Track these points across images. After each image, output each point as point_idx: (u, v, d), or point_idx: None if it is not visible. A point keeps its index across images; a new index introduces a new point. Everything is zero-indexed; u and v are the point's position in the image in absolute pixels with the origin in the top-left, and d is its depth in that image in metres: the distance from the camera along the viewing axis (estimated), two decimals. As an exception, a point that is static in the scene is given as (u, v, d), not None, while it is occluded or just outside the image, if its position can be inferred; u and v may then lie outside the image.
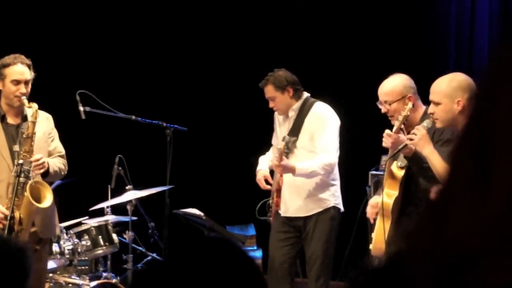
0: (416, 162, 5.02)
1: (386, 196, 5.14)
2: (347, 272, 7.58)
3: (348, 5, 8.66)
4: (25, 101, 5.40)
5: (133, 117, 6.91)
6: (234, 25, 9.00)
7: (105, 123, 6.36)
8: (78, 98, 6.48)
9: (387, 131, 5.03)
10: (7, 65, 5.46)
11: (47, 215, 5.57)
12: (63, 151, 5.70)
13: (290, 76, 6.16)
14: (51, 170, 5.45)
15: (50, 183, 5.64)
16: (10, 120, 5.43)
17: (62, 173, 5.62)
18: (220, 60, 9.01)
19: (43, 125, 5.60)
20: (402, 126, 5.08)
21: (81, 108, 6.42)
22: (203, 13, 9.11)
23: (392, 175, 5.14)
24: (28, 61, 5.55)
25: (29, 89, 5.50)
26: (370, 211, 5.36)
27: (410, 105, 5.01)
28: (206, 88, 9.01)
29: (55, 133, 5.71)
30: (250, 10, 8.94)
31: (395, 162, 5.13)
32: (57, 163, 5.55)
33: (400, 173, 5.11)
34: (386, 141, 5.02)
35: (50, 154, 5.61)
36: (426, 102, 5.33)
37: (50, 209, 5.56)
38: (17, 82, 5.44)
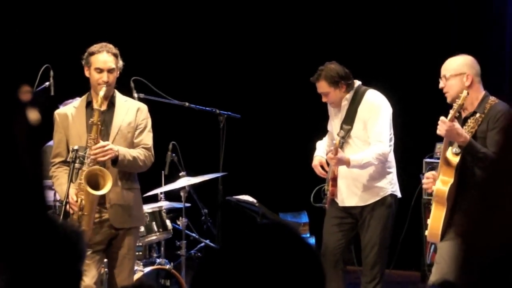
0: (470, 151, 4.97)
1: (441, 183, 5.08)
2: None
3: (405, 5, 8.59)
4: (103, 89, 5.43)
5: (187, 104, 6.95)
6: (287, 14, 9.00)
7: (159, 109, 6.39)
8: (132, 85, 6.53)
9: (442, 118, 4.98)
10: (92, 54, 5.54)
11: (123, 205, 5.58)
12: (149, 144, 5.63)
13: (342, 70, 6.07)
14: (121, 158, 5.41)
15: (129, 174, 5.62)
16: (97, 106, 5.47)
17: (140, 163, 5.54)
18: (273, 47, 9.01)
19: (130, 115, 5.62)
20: (457, 114, 5.03)
21: (136, 95, 6.47)
22: (258, 2, 9.11)
23: (447, 162, 5.08)
24: (115, 50, 5.58)
25: (112, 78, 5.53)
26: (426, 181, 5.29)
27: (465, 93, 4.94)
28: (259, 74, 9.02)
29: (145, 124, 5.66)
30: (302, 3, 8.93)
31: (450, 148, 5.07)
32: (134, 153, 5.51)
33: (456, 160, 5.05)
34: (441, 129, 4.97)
35: (135, 145, 5.60)
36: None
37: (126, 199, 5.59)
38: (100, 70, 5.49)
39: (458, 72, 5.17)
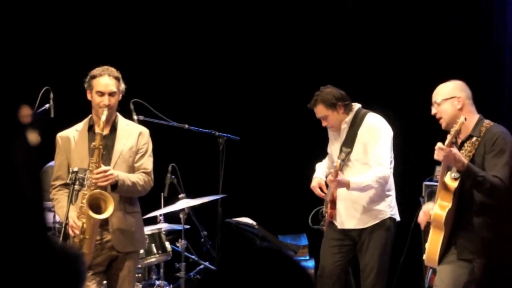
0: (469, 175, 4.99)
1: (439, 208, 5.10)
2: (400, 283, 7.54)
3: (401, 17, 8.62)
4: (105, 113, 5.44)
5: (186, 126, 6.96)
6: (286, 37, 9.02)
7: (158, 131, 6.40)
8: (132, 107, 6.54)
9: (439, 144, 5.00)
10: (94, 77, 5.56)
11: (125, 229, 5.58)
12: (149, 168, 5.63)
13: (337, 92, 6.10)
14: (121, 183, 5.41)
15: (130, 198, 5.62)
16: (98, 130, 5.47)
17: (139, 188, 5.54)
18: (272, 70, 9.02)
19: (132, 139, 5.63)
20: (454, 140, 5.05)
21: (135, 117, 6.48)
22: (255, 26, 9.14)
23: (446, 187, 5.10)
24: (117, 74, 5.60)
25: (114, 101, 5.55)
26: (422, 217, 5.34)
27: (462, 118, 4.97)
28: (259, 97, 9.02)
29: (146, 149, 5.66)
30: (301, 23, 8.96)
31: (448, 173, 5.09)
32: (134, 178, 5.51)
33: (454, 184, 5.07)
34: (438, 154, 5.00)
35: (135, 170, 5.61)
36: (480, 111, 5.31)
37: (128, 223, 5.59)
38: (101, 94, 5.51)
39: (449, 96, 5.22)
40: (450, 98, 5.21)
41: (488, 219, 5.02)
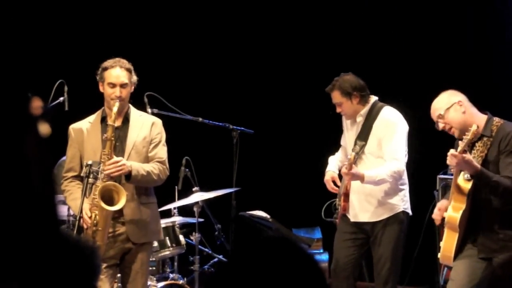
0: (482, 180, 4.99)
1: (453, 210, 5.12)
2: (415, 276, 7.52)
3: (420, 14, 8.59)
4: (116, 105, 5.45)
5: (200, 119, 6.95)
6: (301, 29, 9.00)
7: (173, 125, 6.39)
8: (146, 100, 6.54)
9: (452, 151, 5.01)
10: (105, 69, 5.56)
11: (140, 220, 5.58)
12: (163, 157, 5.63)
13: (356, 81, 6.08)
14: (135, 173, 5.42)
15: (146, 189, 5.63)
16: (110, 122, 5.48)
17: (155, 177, 5.54)
18: (286, 64, 9.01)
19: (145, 130, 5.63)
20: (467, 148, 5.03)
21: (149, 110, 6.48)
22: (270, 20, 9.12)
23: (459, 189, 5.10)
24: (128, 65, 5.60)
25: (125, 92, 5.55)
26: (437, 213, 5.32)
27: (474, 127, 4.95)
28: (273, 90, 9.01)
29: (160, 139, 5.67)
30: (318, 13, 8.93)
31: (462, 174, 5.08)
32: (148, 168, 5.51)
33: (467, 186, 5.06)
34: (451, 161, 5.00)
35: (150, 159, 5.61)
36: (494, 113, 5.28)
37: (142, 214, 5.59)
38: (113, 85, 5.51)
39: (449, 104, 5.21)
40: (451, 106, 5.19)
41: (505, 219, 5.03)
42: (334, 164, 6.33)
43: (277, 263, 1.73)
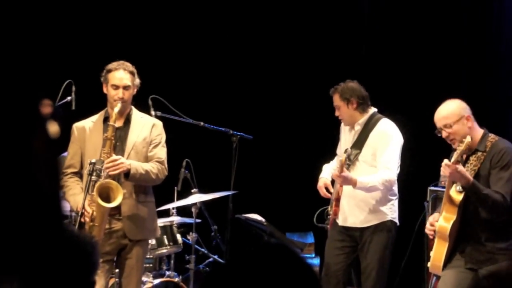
0: (473, 192, 5.00)
1: (444, 220, 5.13)
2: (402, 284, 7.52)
3: (416, 29, 8.60)
4: (118, 106, 5.47)
5: (202, 123, 6.96)
6: (302, 38, 9.01)
7: (175, 127, 6.41)
8: (150, 102, 6.55)
9: (446, 161, 5.02)
10: (109, 71, 5.59)
11: (137, 217, 5.60)
12: (162, 158, 5.65)
13: (358, 89, 6.12)
14: (133, 171, 5.44)
15: (144, 188, 5.64)
16: (112, 122, 5.49)
17: (153, 176, 5.56)
18: (285, 74, 9.02)
19: (145, 131, 5.66)
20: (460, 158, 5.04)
21: (153, 113, 6.49)
22: (271, 29, 9.13)
23: (451, 200, 5.12)
24: (132, 68, 5.63)
25: (128, 94, 5.57)
26: (429, 228, 5.32)
27: (468, 138, 4.97)
28: (272, 98, 9.02)
29: (159, 140, 5.69)
30: (315, 29, 8.95)
31: (454, 186, 5.09)
32: (147, 167, 5.53)
33: (459, 197, 5.08)
34: (445, 171, 5.01)
35: (149, 159, 5.62)
36: (486, 125, 5.29)
37: (139, 211, 5.60)
38: (116, 87, 5.54)
39: (459, 117, 5.19)
40: (460, 119, 5.17)
41: (492, 231, 5.04)
42: (328, 171, 6.35)
43: (273, 268, 1.74)
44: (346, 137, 6.25)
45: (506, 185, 5.00)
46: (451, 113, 5.21)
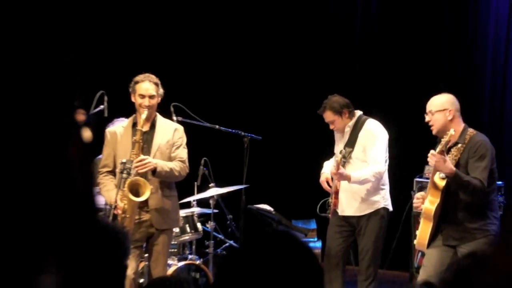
0: (456, 180, 4.99)
1: (429, 203, 5.13)
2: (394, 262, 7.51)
3: (400, 38, 8.59)
4: (145, 113, 5.48)
5: (217, 126, 6.96)
6: (302, 49, 9.01)
7: (194, 130, 6.41)
8: (172, 109, 6.55)
9: (432, 151, 5.00)
10: (137, 82, 5.60)
11: (162, 209, 5.59)
12: (184, 157, 5.65)
13: (342, 101, 6.11)
14: (159, 169, 5.45)
15: (168, 183, 5.63)
16: (139, 127, 5.50)
17: (176, 174, 5.56)
18: (290, 83, 9.03)
19: (168, 134, 5.66)
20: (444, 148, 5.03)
21: (175, 118, 6.49)
22: (279, 36, 9.13)
23: (435, 185, 5.11)
24: (156, 80, 5.62)
25: (153, 102, 5.56)
26: (416, 201, 5.34)
27: (451, 131, 4.96)
28: (279, 104, 9.03)
29: (181, 142, 5.69)
30: (316, 38, 8.95)
31: (437, 173, 5.08)
32: (171, 165, 5.53)
33: (442, 183, 5.07)
34: (431, 160, 5.01)
35: (173, 159, 5.62)
36: (466, 121, 5.28)
37: (164, 204, 5.60)
38: (142, 96, 5.54)
39: (442, 108, 5.18)
40: (443, 110, 5.17)
41: (469, 213, 5.04)
42: (328, 167, 6.34)
43: (279, 251, 1.78)
44: (339, 140, 6.25)
45: (483, 172, 5.00)
46: (437, 102, 5.21)
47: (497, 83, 8.20)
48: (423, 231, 5.19)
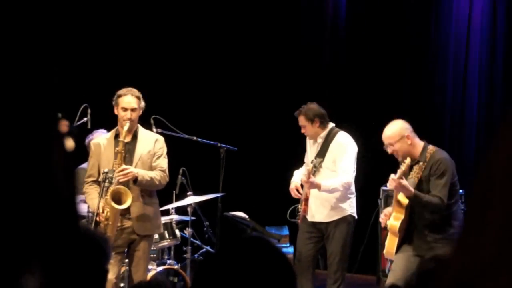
0: (416, 201, 5.06)
1: (393, 219, 5.21)
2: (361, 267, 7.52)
3: (373, 61, 8.64)
4: (127, 125, 5.45)
5: (195, 138, 6.95)
6: (274, 69, 9.04)
7: (173, 141, 6.38)
8: (152, 121, 6.53)
9: (392, 175, 5.05)
10: (119, 96, 5.57)
11: (144, 216, 5.56)
12: (164, 167, 5.62)
13: (318, 110, 6.14)
14: (140, 178, 5.42)
15: (150, 191, 5.61)
16: (121, 138, 5.47)
17: (157, 182, 5.53)
18: (264, 98, 9.04)
19: (150, 145, 5.62)
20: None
21: (154, 130, 6.46)
22: (252, 54, 9.14)
23: (399, 203, 5.17)
24: (138, 93, 5.60)
25: (135, 115, 5.53)
26: (382, 217, 5.37)
27: (408, 160, 5.04)
28: (253, 117, 9.04)
29: (162, 152, 5.65)
30: (297, 51, 8.97)
31: (401, 192, 5.13)
32: (152, 174, 5.50)
33: (406, 201, 5.17)
34: (391, 184, 5.07)
35: (153, 168, 5.58)
36: (426, 138, 5.31)
37: (146, 211, 5.57)
38: (125, 109, 5.51)
39: (399, 137, 5.21)
40: (401, 139, 5.19)
41: (434, 225, 5.12)
42: (298, 176, 6.35)
43: (254, 256, 1.78)
44: (311, 148, 6.27)
45: (443, 189, 5.06)
46: (393, 133, 5.23)
47: (457, 96, 8.28)
48: (390, 243, 5.27)
